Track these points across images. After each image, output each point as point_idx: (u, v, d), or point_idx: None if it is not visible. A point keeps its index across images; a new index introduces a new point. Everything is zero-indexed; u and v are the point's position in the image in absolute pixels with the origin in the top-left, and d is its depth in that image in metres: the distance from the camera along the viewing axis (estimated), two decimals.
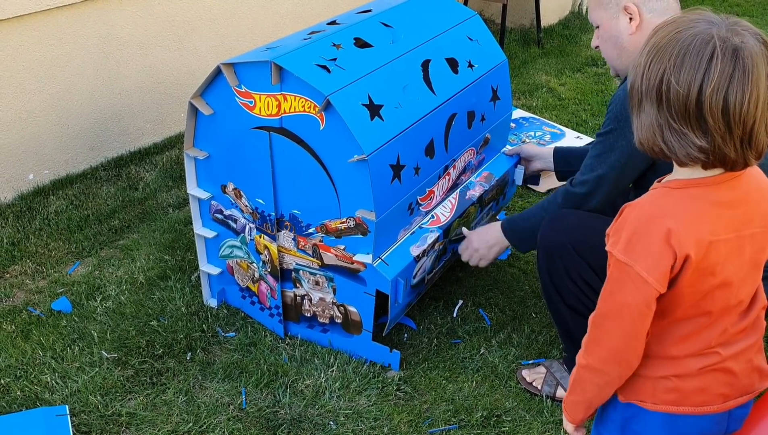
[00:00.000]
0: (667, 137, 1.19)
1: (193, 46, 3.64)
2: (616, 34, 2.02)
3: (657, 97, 1.19)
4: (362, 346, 2.27)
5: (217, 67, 2.08)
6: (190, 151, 2.29)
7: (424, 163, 2.19)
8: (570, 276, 2.00)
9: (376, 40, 2.22)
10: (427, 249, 2.22)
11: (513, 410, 2.12)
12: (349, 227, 2.09)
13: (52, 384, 2.16)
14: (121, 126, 3.47)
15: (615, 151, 1.97)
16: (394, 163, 2.06)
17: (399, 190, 2.10)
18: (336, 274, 2.20)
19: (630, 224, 1.25)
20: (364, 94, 2.03)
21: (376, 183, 2.00)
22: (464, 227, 2.38)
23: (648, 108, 1.21)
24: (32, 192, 3.16)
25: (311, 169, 2.08)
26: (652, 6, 1.97)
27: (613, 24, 2.02)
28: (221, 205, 2.33)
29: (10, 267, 2.71)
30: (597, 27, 2.07)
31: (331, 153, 2.03)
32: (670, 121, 1.18)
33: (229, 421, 2.06)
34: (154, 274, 2.64)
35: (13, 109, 3.04)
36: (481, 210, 2.52)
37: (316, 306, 2.29)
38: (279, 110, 2.05)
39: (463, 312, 2.50)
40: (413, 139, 2.13)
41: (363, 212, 2.05)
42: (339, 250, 2.15)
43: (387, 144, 2.02)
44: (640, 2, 1.97)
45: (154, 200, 3.15)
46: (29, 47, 3.03)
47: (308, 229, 2.18)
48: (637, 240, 1.23)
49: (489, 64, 2.45)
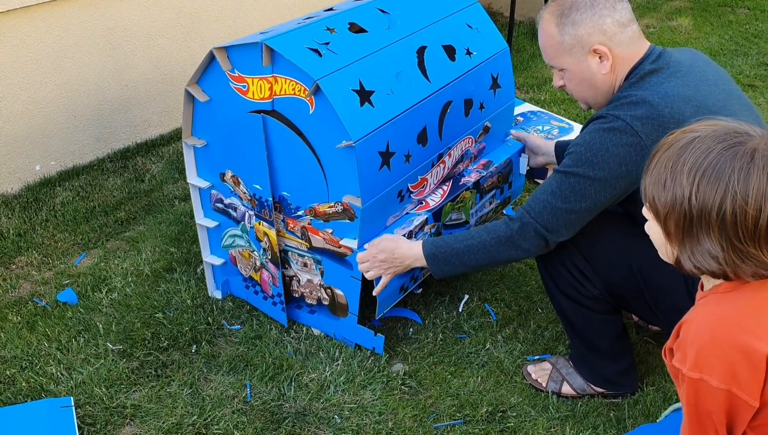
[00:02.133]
0: (729, 259, 1.12)
1: (200, 38, 3.63)
2: (589, 77, 1.91)
3: (718, 219, 1.10)
4: (348, 329, 2.27)
5: (210, 52, 2.08)
6: (189, 139, 2.28)
7: (415, 150, 2.17)
8: (564, 264, 1.99)
9: (371, 26, 2.20)
10: (414, 230, 2.21)
11: (518, 406, 2.11)
12: (337, 212, 2.09)
13: (57, 375, 2.17)
14: (128, 117, 3.47)
15: (588, 198, 1.84)
16: (383, 151, 2.04)
17: (388, 178, 2.09)
18: (324, 257, 2.20)
19: (695, 343, 1.16)
20: (354, 79, 2.02)
21: (363, 169, 1.99)
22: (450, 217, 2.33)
23: (703, 233, 1.13)
24: (39, 183, 3.16)
25: (301, 153, 2.07)
26: (619, 40, 1.86)
27: (583, 67, 1.90)
28: (221, 194, 2.33)
29: (17, 258, 2.71)
30: (561, 69, 1.95)
31: (320, 137, 2.02)
32: (734, 242, 1.11)
33: (234, 414, 2.06)
34: (160, 267, 2.64)
35: (20, 100, 3.04)
36: (481, 196, 2.50)
37: (304, 287, 2.30)
38: (271, 93, 2.04)
39: (469, 307, 2.49)
40: (405, 127, 2.11)
41: (350, 198, 2.04)
42: (327, 233, 2.15)
43: (376, 131, 2.00)
44: (607, 40, 1.86)
45: (160, 192, 3.15)
46: (36, 38, 3.02)
47: (297, 212, 2.18)
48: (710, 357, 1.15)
49: (489, 52, 2.42)
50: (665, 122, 1.75)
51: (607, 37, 1.86)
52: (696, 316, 1.20)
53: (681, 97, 1.78)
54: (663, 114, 1.76)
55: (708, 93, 1.82)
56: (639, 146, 1.76)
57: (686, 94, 1.79)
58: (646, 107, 1.77)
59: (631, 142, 1.77)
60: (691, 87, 1.81)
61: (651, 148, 1.75)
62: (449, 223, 2.37)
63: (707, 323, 1.17)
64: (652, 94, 1.79)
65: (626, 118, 1.77)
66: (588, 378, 2.13)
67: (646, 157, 1.76)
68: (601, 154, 1.80)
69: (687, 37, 4.98)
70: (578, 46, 1.88)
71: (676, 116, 1.75)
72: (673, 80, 1.82)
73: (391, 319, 2.44)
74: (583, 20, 1.85)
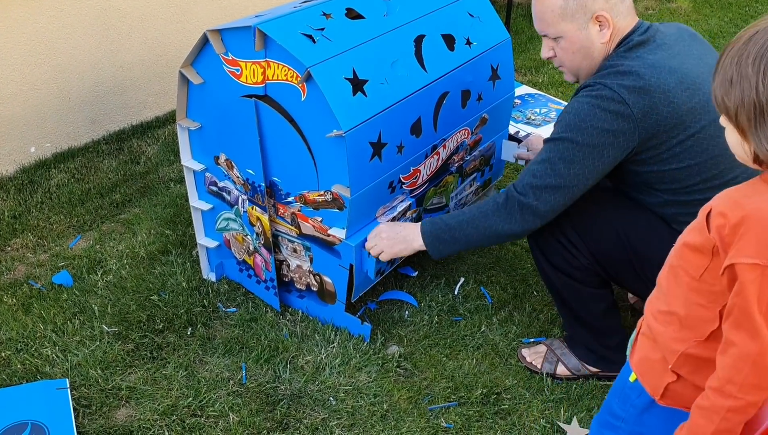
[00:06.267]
0: None
1: (195, 18, 3.60)
2: (587, 45, 1.89)
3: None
4: (336, 316, 2.28)
5: (204, 34, 2.06)
6: (183, 121, 2.27)
7: (408, 141, 2.15)
8: (553, 234, 2.00)
9: (369, 12, 2.16)
10: (397, 216, 2.21)
11: (513, 388, 2.12)
12: (327, 201, 2.08)
13: (52, 357, 2.17)
14: (123, 99, 3.45)
15: (576, 164, 1.83)
16: (375, 141, 2.02)
17: (378, 168, 2.07)
18: (313, 244, 2.20)
19: (757, 231, 1.15)
20: (348, 67, 1.99)
21: (353, 160, 1.97)
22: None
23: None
24: (34, 165, 3.15)
25: (292, 140, 2.06)
26: (618, 10, 1.87)
27: (582, 34, 1.88)
28: (215, 177, 2.33)
29: (12, 240, 2.70)
30: (556, 38, 1.92)
31: (311, 125, 2.01)
32: None
33: (229, 396, 2.06)
34: (155, 249, 2.64)
35: (14, 81, 3.02)
36: (462, 180, 2.49)
37: (294, 272, 2.31)
38: (264, 77, 2.03)
39: (465, 290, 2.49)
40: (398, 117, 2.08)
41: (339, 188, 2.03)
42: (316, 221, 2.14)
43: (368, 121, 1.98)
44: (609, 8, 1.86)
45: (155, 174, 3.13)
46: (29, 18, 3.00)
47: (287, 198, 2.18)
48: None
49: (489, 42, 2.39)
50: (652, 92, 1.77)
51: (609, 4, 1.86)
52: (758, 205, 1.17)
53: (666, 69, 1.80)
54: (650, 84, 1.77)
55: (692, 65, 1.84)
56: (626, 114, 1.78)
57: (671, 66, 1.81)
58: (633, 77, 1.78)
59: (619, 110, 1.78)
60: (677, 59, 1.83)
61: (638, 117, 1.77)
62: (430, 207, 2.37)
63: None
64: (639, 65, 1.80)
65: (614, 87, 1.78)
66: (582, 357, 2.14)
67: (634, 126, 1.78)
68: (589, 120, 1.80)
69: (686, 19, 4.95)
70: (581, 11, 1.86)
71: (662, 86, 1.77)
72: (659, 52, 1.83)
73: (386, 301, 2.44)
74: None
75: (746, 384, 1.19)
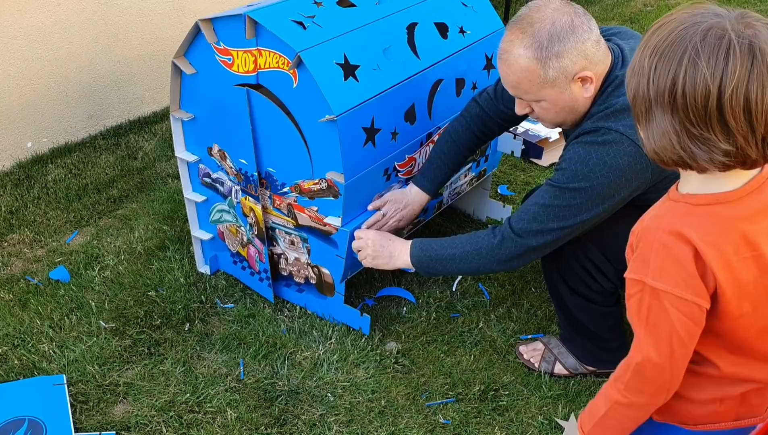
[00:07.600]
0: (686, 144, 1.09)
1: (193, 13, 3.59)
2: (571, 103, 1.80)
3: (670, 101, 1.08)
4: (335, 308, 2.28)
5: (196, 24, 2.06)
6: (176, 112, 2.27)
7: (403, 128, 2.15)
8: (577, 259, 1.97)
9: (360, 0, 2.16)
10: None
11: (511, 384, 2.12)
12: (322, 189, 2.08)
13: (49, 353, 2.16)
14: (121, 94, 3.44)
15: (585, 212, 1.79)
16: (368, 127, 2.02)
17: (373, 154, 2.07)
18: (310, 235, 2.20)
19: (652, 246, 1.16)
20: (339, 53, 1.99)
21: (347, 145, 1.97)
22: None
23: (659, 115, 1.10)
24: (31, 160, 3.14)
25: (285, 128, 2.06)
26: (597, 59, 1.77)
27: (566, 95, 1.78)
28: (209, 168, 2.32)
29: (8, 236, 2.70)
30: (536, 101, 1.83)
31: (303, 112, 2.00)
32: (687, 127, 1.08)
33: (227, 392, 2.06)
34: (153, 245, 2.63)
35: (11, 76, 3.01)
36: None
37: (292, 265, 2.30)
38: (255, 66, 2.02)
39: (463, 286, 2.49)
40: (391, 103, 2.08)
41: (333, 174, 2.03)
42: (312, 211, 2.14)
43: (360, 106, 1.98)
44: (589, 64, 1.75)
45: (153, 170, 3.13)
46: (27, 12, 2.98)
47: (283, 188, 2.17)
48: (668, 263, 1.15)
49: (483, 31, 2.39)
50: None
51: (588, 60, 1.75)
52: (656, 217, 1.20)
53: None
54: None
55: None
56: (638, 154, 1.72)
57: None
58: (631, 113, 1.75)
59: (630, 152, 1.73)
60: None
61: None
62: None
63: (666, 229, 1.17)
64: None
65: (620, 129, 1.73)
66: (579, 357, 2.14)
67: (647, 162, 1.72)
68: (599, 169, 1.75)
69: None
70: (562, 76, 1.75)
71: None
72: None
73: (384, 298, 2.44)
74: (567, 50, 1.72)
75: (630, 386, 1.25)
